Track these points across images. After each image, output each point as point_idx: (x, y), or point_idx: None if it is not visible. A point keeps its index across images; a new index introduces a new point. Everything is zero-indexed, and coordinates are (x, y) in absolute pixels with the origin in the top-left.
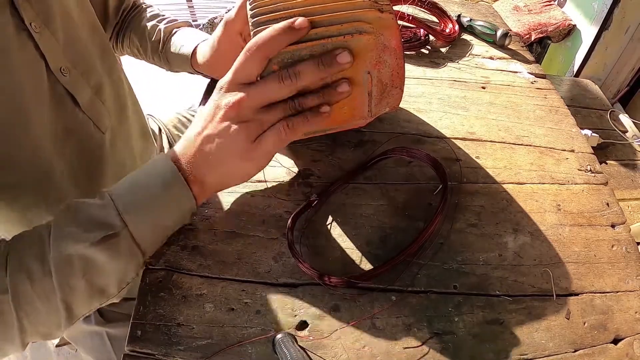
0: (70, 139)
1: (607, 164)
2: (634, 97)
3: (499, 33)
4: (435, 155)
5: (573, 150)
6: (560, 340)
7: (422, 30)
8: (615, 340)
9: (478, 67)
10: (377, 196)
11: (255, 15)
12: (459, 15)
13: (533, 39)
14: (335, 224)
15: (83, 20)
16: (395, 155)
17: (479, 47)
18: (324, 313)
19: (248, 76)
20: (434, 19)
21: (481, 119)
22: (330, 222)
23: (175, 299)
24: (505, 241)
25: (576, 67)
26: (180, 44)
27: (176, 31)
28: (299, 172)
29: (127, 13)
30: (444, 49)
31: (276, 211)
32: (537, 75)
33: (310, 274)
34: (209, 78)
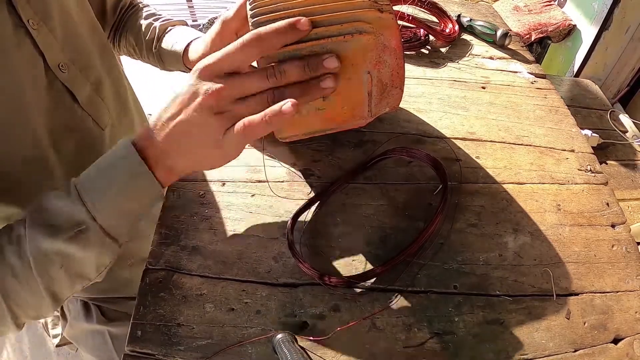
0: (69, 135)
1: (607, 164)
2: (634, 97)
3: (499, 33)
4: (435, 155)
5: (573, 150)
6: (561, 340)
7: (422, 30)
8: (616, 340)
9: (478, 67)
10: (377, 196)
11: (255, 15)
12: (459, 15)
13: (533, 39)
14: (335, 224)
15: (82, 18)
16: (395, 155)
17: (479, 47)
18: (324, 313)
19: (233, 67)
20: (434, 19)
21: (481, 119)
22: (331, 222)
23: (175, 299)
24: (506, 241)
25: (576, 67)
26: (173, 41)
27: (171, 29)
28: (299, 172)
29: (124, 12)
30: (444, 49)
31: (276, 211)
32: (537, 75)
33: (310, 274)
34: None
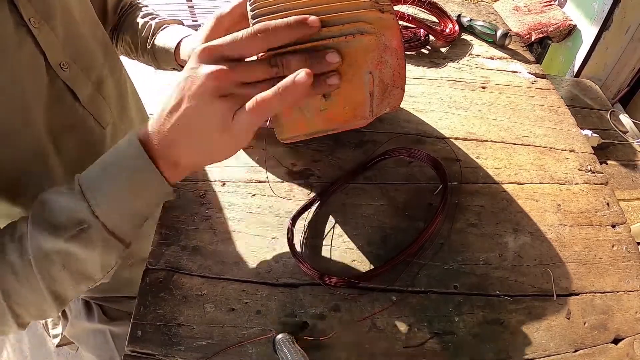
0: (69, 133)
1: (608, 164)
2: (634, 97)
3: (499, 33)
4: (435, 155)
5: (573, 150)
6: (561, 340)
7: (422, 30)
8: (616, 340)
9: (478, 67)
10: (377, 196)
11: (256, 16)
12: (459, 15)
13: (533, 39)
14: (335, 224)
15: (84, 16)
16: (395, 155)
17: (479, 47)
18: (324, 313)
19: (235, 54)
20: (434, 19)
21: (481, 119)
22: (331, 222)
23: (175, 299)
24: (506, 241)
25: (576, 67)
26: (166, 39)
27: (166, 27)
28: (299, 172)
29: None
30: (444, 49)
31: (276, 211)
32: (537, 75)
33: (310, 274)
34: None
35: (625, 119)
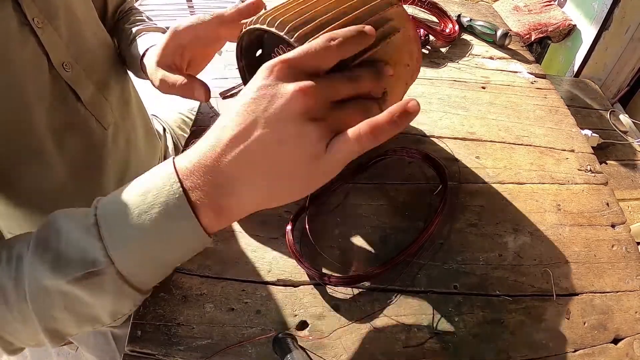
0: (71, 133)
1: (607, 164)
2: (634, 97)
3: (499, 33)
4: (435, 155)
5: (573, 150)
6: (561, 340)
7: (422, 30)
8: (615, 340)
9: (478, 67)
10: (377, 196)
11: (301, 35)
12: (459, 15)
13: (533, 39)
14: (335, 224)
15: (87, 17)
16: (395, 155)
17: (479, 47)
18: (324, 313)
19: (316, 67)
20: (434, 19)
21: (481, 119)
22: (331, 222)
23: (175, 299)
24: (505, 241)
25: (576, 67)
26: (137, 47)
27: (144, 34)
28: None
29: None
30: (444, 49)
31: (276, 211)
32: (537, 75)
33: (310, 273)
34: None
35: (625, 118)
